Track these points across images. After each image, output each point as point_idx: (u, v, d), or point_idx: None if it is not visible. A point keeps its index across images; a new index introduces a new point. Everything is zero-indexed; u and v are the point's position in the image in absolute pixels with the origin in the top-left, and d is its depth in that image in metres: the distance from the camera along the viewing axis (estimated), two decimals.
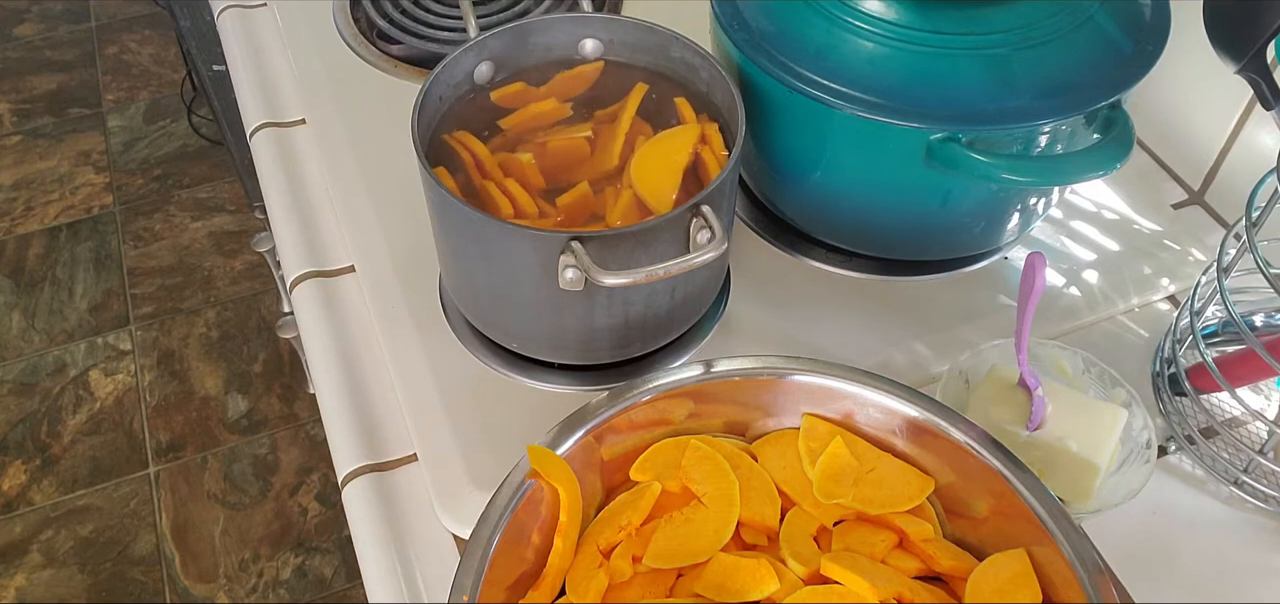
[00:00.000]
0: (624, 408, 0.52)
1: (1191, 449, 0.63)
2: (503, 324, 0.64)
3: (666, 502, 0.53)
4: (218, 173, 2.08)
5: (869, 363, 0.65)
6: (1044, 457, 0.58)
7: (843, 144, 0.63)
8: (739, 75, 0.64)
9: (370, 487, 0.63)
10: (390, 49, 0.89)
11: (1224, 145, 0.77)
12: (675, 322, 0.64)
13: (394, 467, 0.64)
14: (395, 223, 0.74)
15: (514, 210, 0.60)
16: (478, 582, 0.45)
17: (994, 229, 0.69)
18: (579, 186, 0.61)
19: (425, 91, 0.61)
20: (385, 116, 0.81)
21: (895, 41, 0.60)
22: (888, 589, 0.48)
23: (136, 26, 2.40)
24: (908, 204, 0.65)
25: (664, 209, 0.59)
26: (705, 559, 0.50)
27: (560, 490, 0.49)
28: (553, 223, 0.61)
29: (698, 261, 0.54)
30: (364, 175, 0.78)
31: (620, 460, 0.54)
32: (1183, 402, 0.65)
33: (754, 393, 0.54)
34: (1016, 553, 0.49)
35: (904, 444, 0.53)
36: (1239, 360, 0.61)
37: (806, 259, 0.73)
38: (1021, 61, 0.60)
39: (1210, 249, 0.73)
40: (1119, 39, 0.62)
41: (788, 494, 0.53)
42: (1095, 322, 0.71)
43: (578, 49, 0.68)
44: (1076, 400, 0.60)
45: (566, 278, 0.54)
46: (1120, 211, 0.77)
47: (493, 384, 0.66)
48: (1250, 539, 0.60)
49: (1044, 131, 0.60)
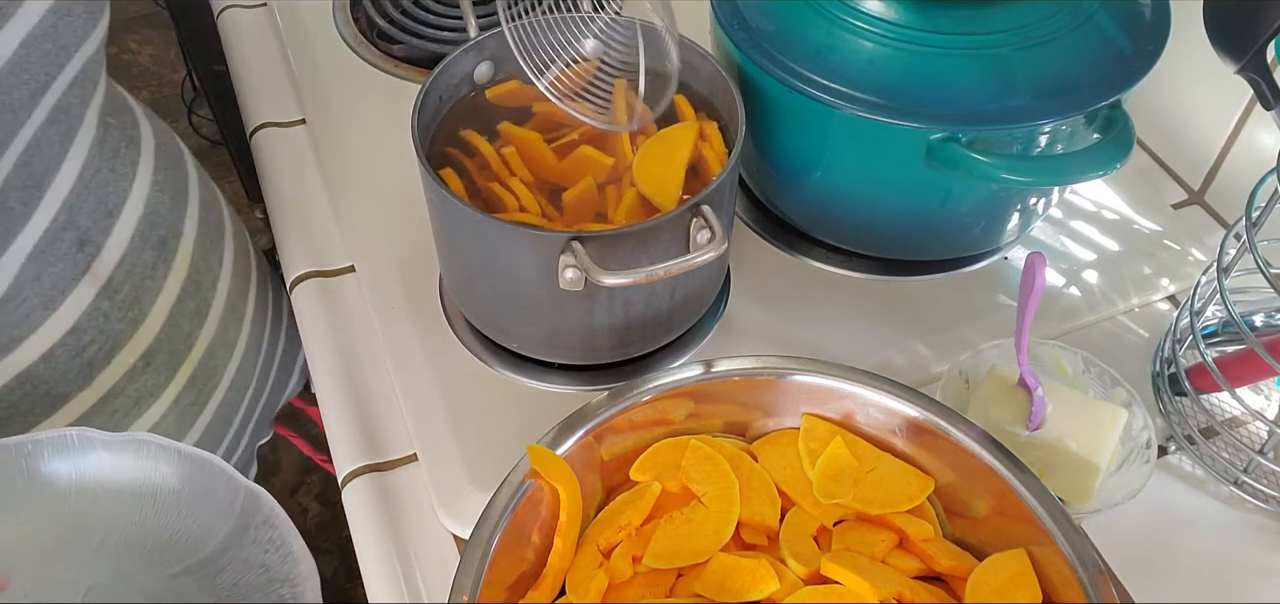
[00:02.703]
0: (624, 408, 0.52)
1: (1191, 449, 0.63)
2: (503, 324, 0.64)
3: (666, 502, 0.53)
4: (218, 173, 2.05)
5: (869, 363, 0.65)
6: (1044, 457, 0.58)
7: (843, 144, 0.63)
8: (739, 75, 0.64)
9: (370, 487, 0.63)
10: (390, 49, 0.89)
11: (1224, 145, 0.77)
12: (675, 322, 0.64)
13: (394, 467, 0.64)
14: (395, 223, 0.74)
15: (517, 205, 0.60)
16: (478, 582, 0.45)
17: (994, 229, 0.69)
18: (584, 182, 0.61)
19: (425, 91, 0.61)
20: (385, 116, 0.81)
21: (895, 41, 0.60)
22: (888, 589, 0.48)
23: (136, 27, 2.40)
24: (908, 204, 0.65)
25: (669, 206, 0.59)
26: (705, 559, 0.50)
27: (560, 490, 0.49)
28: (558, 222, 0.61)
29: (698, 261, 0.54)
30: (364, 175, 0.78)
31: (620, 460, 0.54)
32: (1183, 402, 0.65)
33: (754, 393, 0.54)
34: (1016, 553, 0.49)
35: (904, 444, 0.53)
36: (1239, 360, 0.61)
37: (806, 259, 0.73)
38: (1021, 61, 0.60)
39: (1210, 249, 0.73)
40: (1119, 39, 0.62)
41: (788, 494, 0.53)
42: (1095, 321, 0.71)
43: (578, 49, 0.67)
44: (1076, 400, 0.60)
45: (566, 278, 0.54)
46: (1120, 211, 0.77)
47: (493, 384, 0.66)
48: (1250, 539, 0.60)
49: (1044, 131, 0.60)
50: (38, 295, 0.50)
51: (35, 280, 0.49)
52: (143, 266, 0.57)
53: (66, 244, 0.51)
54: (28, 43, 0.44)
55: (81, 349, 0.54)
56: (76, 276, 0.52)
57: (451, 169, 0.62)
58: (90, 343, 0.55)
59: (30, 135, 0.47)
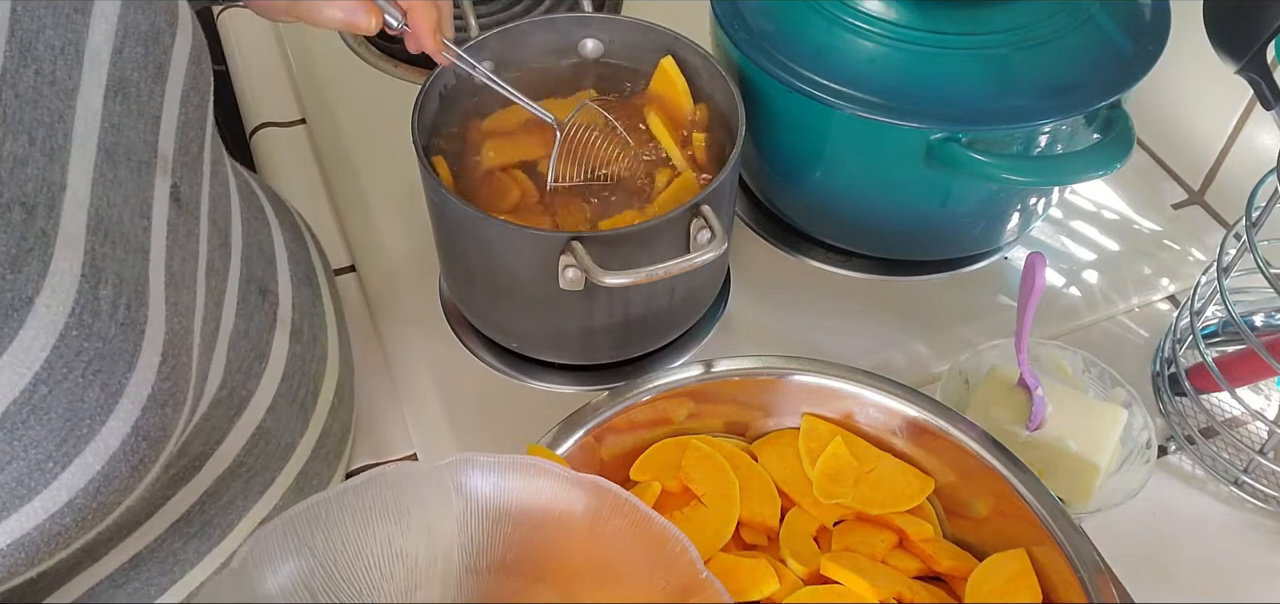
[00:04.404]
0: (624, 408, 0.52)
1: (1191, 449, 0.63)
2: (503, 324, 0.64)
3: (666, 502, 0.53)
4: None
5: (869, 363, 0.65)
6: (1044, 457, 0.58)
7: (843, 144, 0.63)
8: (739, 75, 0.64)
9: None
10: (390, 49, 0.89)
11: (1224, 145, 0.77)
12: (675, 322, 0.64)
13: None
14: (395, 223, 0.74)
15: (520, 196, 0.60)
16: None
17: (994, 229, 0.69)
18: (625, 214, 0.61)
19: (425, 91, 0.61)
20: (385, 116, 0.81)
21: (895, 41, 0.60)
22: (888, 589, 0.48)
23: None
24: (908, 204, 0.65)
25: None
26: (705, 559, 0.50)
27: None
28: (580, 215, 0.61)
29: (698, 261, 0.54)
30: (364, 175, 0.78)
31: (620, 460, 0.54)
32: (1183, 402, 0.65)
33: (754, 393, 0.54)
34: (1016, 553, 0.49)
35: (904, 444, 0.53)
36: (1239, 360, 0.61)
37: (806, 259, 0.73)
38: (1021, 61, 0.60)
39: (1210, 249, 0.73)
40: (1119, 39, 0.62)
41: (788, 494, 0.53)
42: (1095, 321, 0.71)
43: (578, 49, 0.68)
44: (1076, 400, 0.60)
45: (566, 278, 0.54)
46: (1120, 211, 0.77)
47: (493, 384, 0.66)
48: (1250, 539, 0.60)
49: (1044, 131, 0.60)
50: (249, 349, 0.49)
51: (244, 336, 0.49)
52: (306, 304, 0.56)
53: (253, 295, 0.50)
54: (185, 99, 0.43)
55: (294, 394, 0.54)
56: (270, 325, 0.52)
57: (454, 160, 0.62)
58: (299, 387, 0.54)
59: (209, 191, 0.46)
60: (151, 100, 0.41)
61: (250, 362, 0.50)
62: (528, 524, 0.45)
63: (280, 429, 0.53)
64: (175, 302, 0.40)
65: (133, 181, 0.39)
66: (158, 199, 0.40)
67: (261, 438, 0.51)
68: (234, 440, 0.50)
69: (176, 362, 0.39)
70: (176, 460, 0.47)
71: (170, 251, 0.40)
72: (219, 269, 0.47)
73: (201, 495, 0.49)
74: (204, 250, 0.45)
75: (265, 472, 0.52)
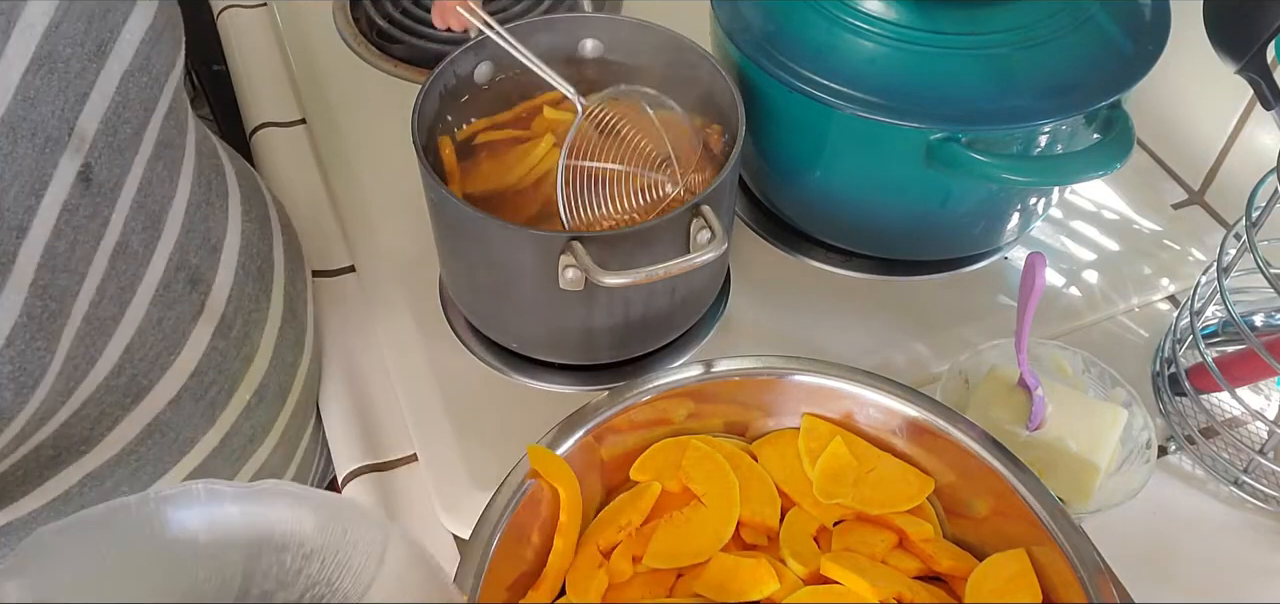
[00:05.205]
0: (624, 408, 0.52)
1: (1191, 449, 0.63)
2: (503, 324, 0.64)
3: (666, 502, 0.53)
4: None
5: (869, 363, 0.65)
6: (1044, 457, 0.58)
7: (843, 144, 0.63)
8: (739, 75, 0.64)
9: (370, 487, 0.63)
10: (390, 49, 0.89)
11: (1224, 145, 0.77)
12: (675, 322, 0.64)
13: (394, 467, 0.64)
14: (395, 223, 0.74)
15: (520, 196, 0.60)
16: (478, 582, 0.45)
17: (994, 229, 0.69)
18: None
19: (425, 91, 0.61)
20: (385, 116, 0.81)
21: (895, 41, 0.60)
22: (888, 589, 0.48)
23: None
24: (908, 204, 0.65)
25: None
26: (705, 559, 0.50)
27: (560, 490, 0.49)
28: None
29: (698, 262, 0.54)
30: (364, 175, 0.78)
31: (620, 460, 0.54)
32: (1183, 402, 0.65)
33: (754, 393, 0.54)
34: (1016, 553, 0.49)
35: (904, 444, 0.53)
36: (1239, 360, 0.61)
37: (806, 259, 0.73)
38: (1021, 61, 0.60)
39: (1210, 249, 0.73)
40: (1119, 39, 0.62)
41: (788, 494, 0.53)
42: (1095, 321, 0.71)
43: (578, 49, 0.68)
44: (1076, 400, 0.60)
45: (566, 278, 0.54)
46: (1120, 211, 0.77)
47: (493, 384, 0.66)
48: (1250, 539, 0.60)
49: (1044, 131, 0.60)
50: (161, 340, 0.49)
51: (157, 325, 0.48)
52: (247, 300, 0.56)
53: (181, 284, 0.49)
54: (126, 79, 0.43)
55: (204, 391, 0.53)
56: (194, 317, 0.51)
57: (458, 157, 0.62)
58: (212, 384, 0.53)
59: (141, 173, 0.46)
60: (81, 78, 0.40)
61: (159, 352, 0.49)
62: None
63: (181, 423, 0.52)
64: (45, 284, 0.39)
65: (31, 157, 0.38)
66: (57, 178, 0.40)
67: (158, 429, 0.50)
68: (127, 428, 0.49)
69: (27, 346, 0.38)
70: (56, 440, 0.46)
71: (57, 232, 0.40)
72: (137, 253, 0.46)
73: (83, 478, 0.48)
74: (115, 233, 0.44)
75: (158, 463, 0.51)
